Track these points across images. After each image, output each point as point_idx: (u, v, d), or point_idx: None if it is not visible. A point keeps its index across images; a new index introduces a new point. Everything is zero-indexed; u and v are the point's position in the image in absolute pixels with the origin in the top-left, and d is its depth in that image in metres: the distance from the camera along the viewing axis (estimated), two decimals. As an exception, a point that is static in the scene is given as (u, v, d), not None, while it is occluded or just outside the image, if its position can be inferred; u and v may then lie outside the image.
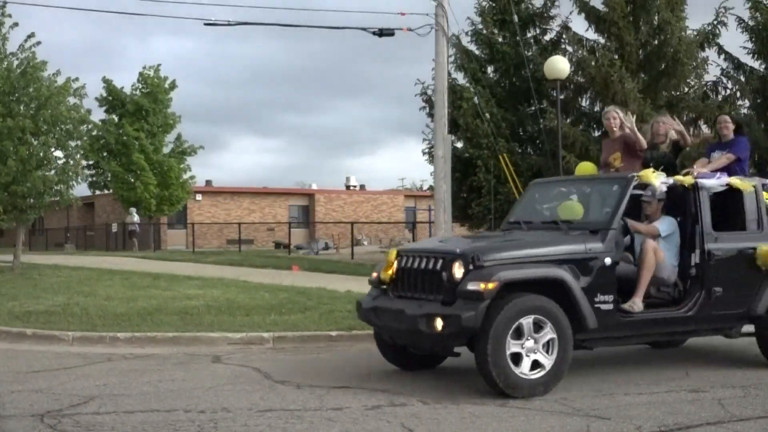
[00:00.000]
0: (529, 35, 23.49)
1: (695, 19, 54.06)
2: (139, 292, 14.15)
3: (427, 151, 22.77)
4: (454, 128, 20.52)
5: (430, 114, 21.92)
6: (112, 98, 35.72)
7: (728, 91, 23.16)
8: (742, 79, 23.26)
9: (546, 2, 23.36)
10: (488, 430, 5.75)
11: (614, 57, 20.51)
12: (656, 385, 7.20)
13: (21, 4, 18.06)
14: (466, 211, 23.72)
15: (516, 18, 20.34)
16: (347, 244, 32.43)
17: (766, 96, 23.00)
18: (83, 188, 30.23)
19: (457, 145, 22.84)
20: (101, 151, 35.58)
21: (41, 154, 18.03)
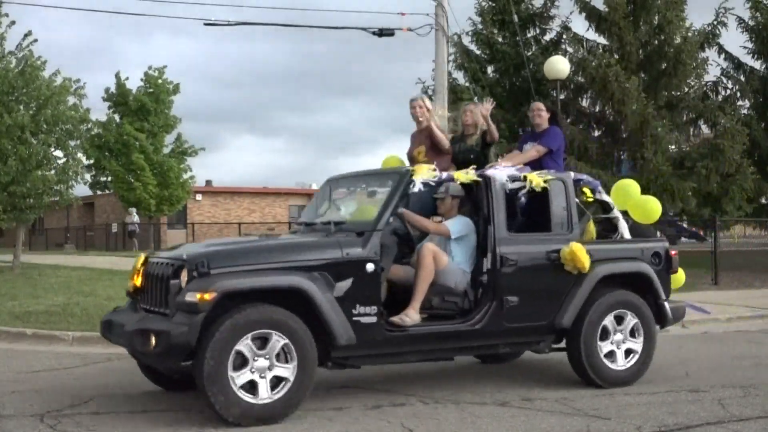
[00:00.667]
0: (529, 35, 23.50)
1: (695, 19, 54.09)
2: (139, 292, 14.11)
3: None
4: (454, 128, 20.50)
5: (430, 114, 21.92)
6: (119, 95, 35.72)
7: (728, 91, 23.23)
8: (743, 79, 23.32)
9: (546, 2, 23.37)
10: (488, 430, 5.75)
11: (614, 57, 20.52)
12: (656, 385, 7.19)
13: (20, 4, 18.04)
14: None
15: (516, 18, 20.35)
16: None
17: (766, 96, 23.05)
18: (84, 188, 30.24)
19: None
20: (102, 150, 35.56)
21: (41, 153, 18.01)
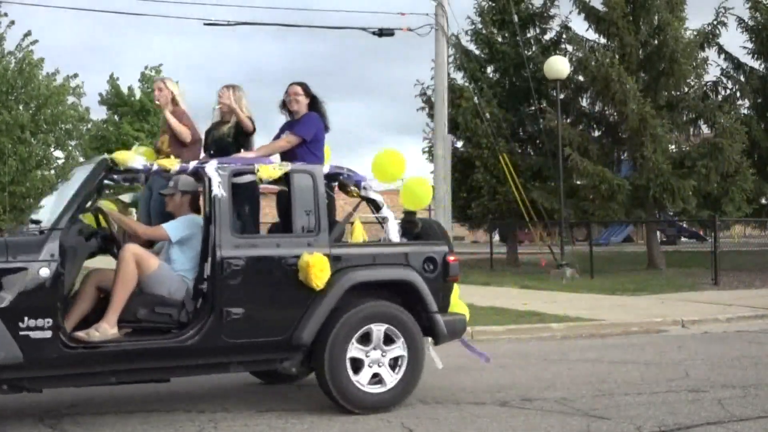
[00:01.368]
0: (529, 35, 23.53)
1: (695, 19, 54.11)
2: (138, 292, 14.08)
3: (427, 150, 22.81)
4: (453, 128, 20.53)
5: (430, 114, 21.95)
6: (116, 97, 35.69)
7: (728, 91, 23.27)
8: (742, 79, 23.34)
9: (546, 2, 23.40)
10: (488, 430, 5.74)
11: (614, 57, 20.54)
12: (656, 385, 7.18)
13: (19, 4, 18.06)
14: (465, 211, 23.78)
15: (516, 18, 20.39)
16: (346, 243, 32.33)
17: (765, 96, 23.07)
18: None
19: (457, 144, 22.88)
20: (101, 150, 35.55)
21: (41, 153, 18.04)
